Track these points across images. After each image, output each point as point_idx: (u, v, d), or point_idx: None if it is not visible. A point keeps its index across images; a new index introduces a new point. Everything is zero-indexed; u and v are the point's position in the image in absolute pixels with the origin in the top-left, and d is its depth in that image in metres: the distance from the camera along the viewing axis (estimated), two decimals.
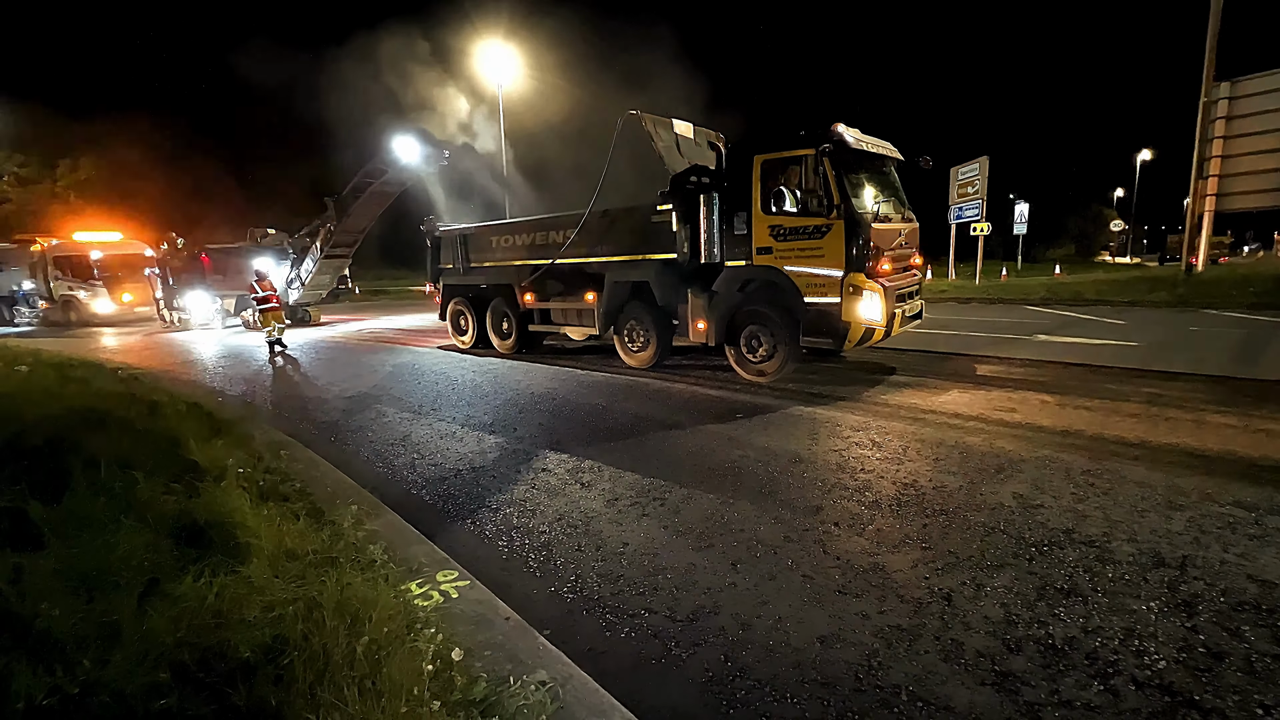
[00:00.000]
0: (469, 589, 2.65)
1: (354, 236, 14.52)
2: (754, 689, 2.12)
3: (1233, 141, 14.15)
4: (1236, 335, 9.22)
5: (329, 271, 15.16)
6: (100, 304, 17.91)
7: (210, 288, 15.82)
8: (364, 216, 14.00)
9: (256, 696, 1.81)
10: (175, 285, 16.39)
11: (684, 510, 3.59)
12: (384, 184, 12.96)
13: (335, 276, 15.69)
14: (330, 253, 14.41)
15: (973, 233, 21.89)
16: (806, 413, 5.60)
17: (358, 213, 13.67)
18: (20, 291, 19.60)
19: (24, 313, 19.72)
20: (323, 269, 14.80)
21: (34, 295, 19.13)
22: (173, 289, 16.48)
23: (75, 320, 17.93)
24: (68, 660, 1.89)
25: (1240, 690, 2.01)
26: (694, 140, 8.33)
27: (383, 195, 13.45)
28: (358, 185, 13.18)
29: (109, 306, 17.98)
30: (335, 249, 14.41)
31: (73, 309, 18.02)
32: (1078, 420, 5.02)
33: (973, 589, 2.65)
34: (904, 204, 7.16)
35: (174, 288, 16.44)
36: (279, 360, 10.19)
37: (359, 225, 14.24)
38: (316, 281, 15.14)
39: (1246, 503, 3.36)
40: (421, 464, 4.65)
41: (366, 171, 12.88)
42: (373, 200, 13.50)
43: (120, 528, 2.74)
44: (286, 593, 2.36)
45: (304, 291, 15.25)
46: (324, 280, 15.38)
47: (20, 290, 19.58)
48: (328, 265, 14.81)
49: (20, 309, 19.79)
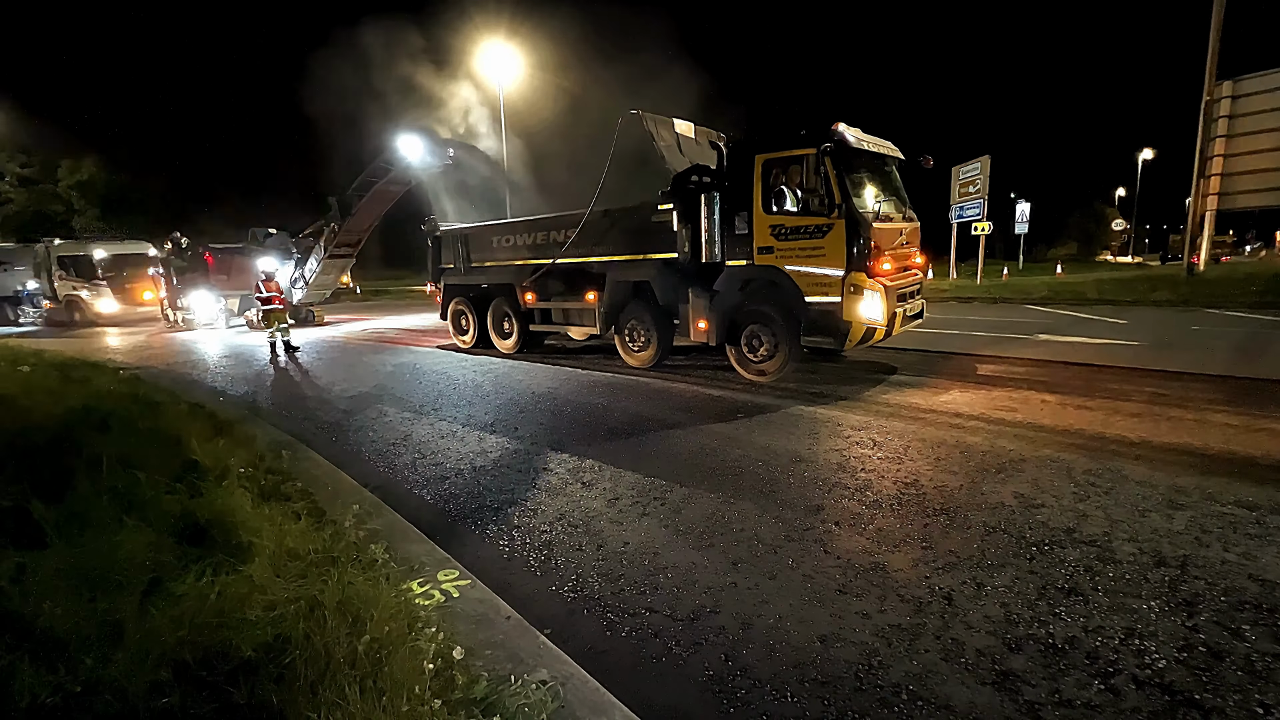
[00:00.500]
0: (470, 588, 2.66)
1: (358, 236, 14.49)
2: (754, 688, 2.13)
3: (1235, 140, 14.14)
4: (1238, 334, 9.20)
5: (333, 271, 15.14)
6: (104, 304, 17.92)
7: (214, 287, 15.77)
8: (368, 216, 13.96)
9: (258, 695, 1.81)
10: (179, 285, 16.35)
11: (685, 510, 3.59)
12: (388, 183, 12.91)
13: (339, 276, 15.66)
14: (334, 252, 14.38)
15: (974, 232, 21.87)
16: (807, 412, 5.60)
17: (362, 212, 13.63)
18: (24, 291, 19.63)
19: (28, 312, 19.76)
20: (327, 269, 14.79)
21: (38, 295, 19.17)
22: (177, 289, 16.44)
23: (79, 320, 17.95)
24: (70, 659, 1.90)
25: (1241, 690, 2.01)
26: (695, 140, 8.33)
27: (387, 194, 13.41)
28: (362, 184, 13.14)
29: (113, 306, 18.00)
30: (339, 249, 14.38)
31: (77, 309, 18.03)
32: (1079, 420, 5.01)
33: (973, 588, 2.65)
34: (905, 203, 7.15)
35: (178, 287, 16.40)
36: (282, 360, 10.20)
37: (363, 225, 14.21)
38: (320, 281, 15.11)
39: (1248, 502, 3.36)
40: (423, 463, 4.66)
41: (371, 170, 12.84)
42: (377, 199, 13.45)
43: (122, 527, 2.75)
44: (288, 592, 2.36)
45: (308, 291, 15.23)
46: (328, 280, 15.36)
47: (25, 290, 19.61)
48: (332, 265, 14.79)
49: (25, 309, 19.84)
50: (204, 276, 15.89)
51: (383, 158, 12.46)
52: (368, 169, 12.89)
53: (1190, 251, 16.21)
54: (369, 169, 12.86)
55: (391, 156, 12.22)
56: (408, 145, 11.81)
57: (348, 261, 15.23)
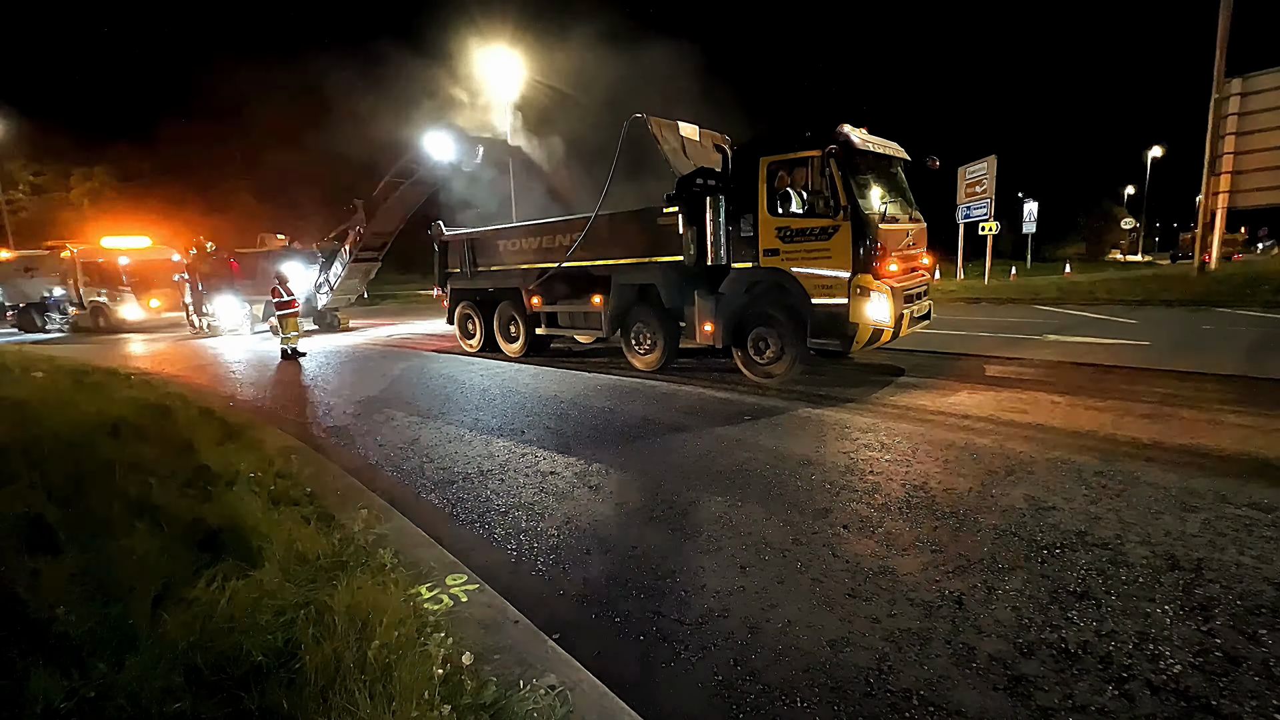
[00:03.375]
0: (478, 593, 2.66)
1: (383, 239, 14.18)
2: (763, 693, 2.12)
3: (1245, 138, 13.99)
4: (1251, 334, 9.10)
5: (358, 275, 14.83)
6: (129, 309, 17.81)
7: (239, 293, 15.55)
8: (393, 218, 13.62)
9: (269, 700, 1.82)
10: (204, 290, 16.15)
11: (692, 513, 3.58)
12: (415, 183, 12.56)
13: (364, 280, 15.32)
14: (359, 256, 14.11)
15: (981, 232, 21.73)
16: (814, 414, 5.58)
17: (387, 214, 13.30)
18: (51, 298, 19.66)
19: (54, 319, 19.78)
20: (351, 272, 14.50)
21: (64, 301, 19.16)
22: (201, 294, 16.23)
23: (105, 326, 17.91)
24: (84, 664, 1.92)
25: (1258, 695, 1.99)
26: (700, 143, 8.34)
27: (413, 195, 13.07)
28: (387, 185, 12.80)
29: (138, 313, 17.87)
30: (364, 252, 14.11)
31: (102, 315, 17.98)
32: (1090, 421, 4.97)
33: (984, 592, 2.63)
34: (911, 204, 7.13)
35: (203, 293, 16.20)
36: (299, 365, 10.27)
37: (388, 227, 13.85)
38: (346, 286, 14.83)
39: (1263, 504, 3.32)
40: (430, 467, 4.67)
41: (397, 171, 12.48)
42: (402, 201, 13.11)
43: (135, 532, 2.78)
44: (298, 597, 2.38)
45: (333, 296, 14.93)
46: (353, 284, 15.07)
47: (51, 296, 19.63)
48: (357, 269, 14.52)
49: (51, 315, 19.87)
50: (229, 282, 15.67)
51: (408, 157, 12.09)
52: (393, 169, 12.52)
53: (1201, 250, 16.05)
54: (395, 169, 12.50)
55: (418, 155, 11.84)
56: (435, 144, 11.39)
57: (373, 265, 14.91)
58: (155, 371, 10.04)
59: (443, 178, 12.38)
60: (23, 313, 20.26)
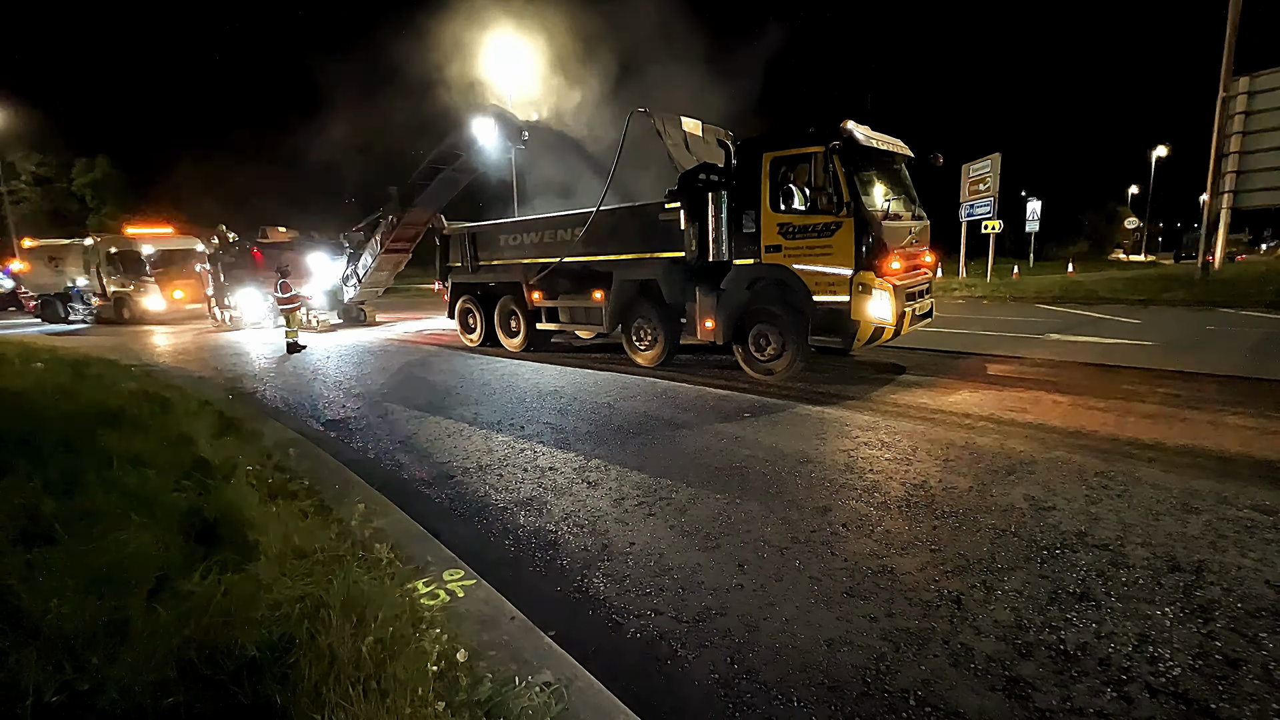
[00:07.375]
0: (475, 588, 2.65)
1: (416, 230, 13.44)
2: (760, 692, 2.11)
3: (1251, 137, 13.91)
4: (1254, 334, 9.06)
5: (387, 267, 14.18)
6: (152, 300, 17.38)
7: (262, 285, 14.79)
8: (430, 207, 12.81)
9: (262, 695, 1.81)
10: (227, 282, 15.56)
11: (691, 510, 3.57)
12: (456, 169, 11.90)
13: (394, 273, 14.66)
14: (391, 247, 13.44)
15: (984, 230, 21.64)
16: (814, 412, 5.56)
17: (424, 202, 12.59)
18: (75, 289, 19.32)
19: (78, 310, 19.40)
20: (381, 264, 13.86)
21: (88, 292, 18.71)
22: (224, 286, 15.56)
23: (129, 317, 17.53)
24: (77, 657, 1.91)
25: (1258, 699, 1.97)
26: (703, 138, 8.28)
27: (453, 182, 12.38)
28: (426, 172, 12.14)
29: (160, 304, 17.43)
30: (396, 243, 13.42)
31: (126, 306, 17.58)
32: (1091, 421, 4.95)
33: (983, 592, 2.62)
34: (914, 201, 7.08)
35: (225, 285, 15.51)
36: (302, 356, 10.26)
37: (423, 217, 12.98)
38: (374, 278, 14.21)
39: (1265, 506, 3.30)
40: (429, 462, 4.66)
41: (438, 156, 11.80)
42: (442, 188, 12.39)
43: (130, 524, 2.77)
44: (293, 591, 2.36)
45: (361, 289, 14.42)
46: (382, 277, 14.41)
47: (75, 287, 19.29)
48: (387, 260, 13.85)
49: (75, 306, 19.49)
50: (251, 274, 15.11)
51: (450, 141, 11.44)
52: (434, 153, 11.83)
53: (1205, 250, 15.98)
54: (435, 154, 11.80)
55: (460, 140, 11.19)
56: (481, 128, 10.73)
57: (403, 257, 14.18)
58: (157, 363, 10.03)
59: (485, 164, 11.79)
60: (46, 303, 19.83)
